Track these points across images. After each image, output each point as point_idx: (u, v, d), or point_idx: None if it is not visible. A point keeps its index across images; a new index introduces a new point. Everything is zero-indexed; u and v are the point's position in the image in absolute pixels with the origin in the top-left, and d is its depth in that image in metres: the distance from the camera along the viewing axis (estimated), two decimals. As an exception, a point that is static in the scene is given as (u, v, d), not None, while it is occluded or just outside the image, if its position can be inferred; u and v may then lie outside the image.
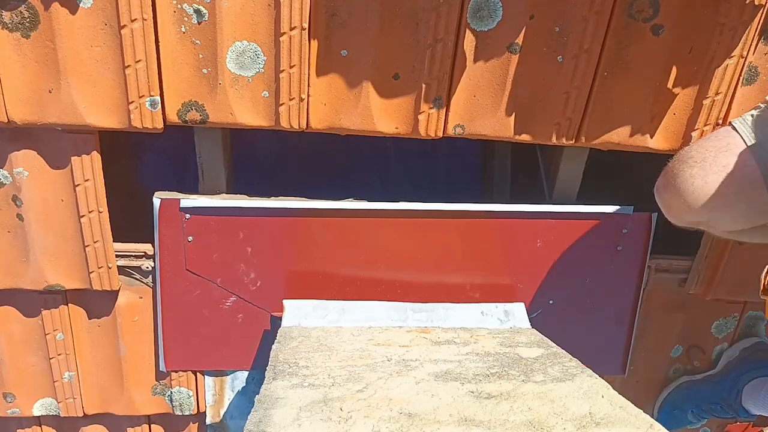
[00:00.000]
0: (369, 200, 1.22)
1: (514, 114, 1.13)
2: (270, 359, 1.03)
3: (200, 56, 1.02)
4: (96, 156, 1.09)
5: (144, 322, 1.28)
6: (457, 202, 1.23)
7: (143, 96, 1.02)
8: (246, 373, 1.35)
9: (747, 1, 1.03)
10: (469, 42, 1.05)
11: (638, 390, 1.52)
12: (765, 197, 0.93)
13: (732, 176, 0.92)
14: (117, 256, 1.20)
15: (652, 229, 1.31)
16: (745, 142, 0.93)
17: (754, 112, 1.03)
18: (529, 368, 1.02)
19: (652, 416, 0.87)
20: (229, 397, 1.37)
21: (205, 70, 1.03)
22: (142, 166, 1.67)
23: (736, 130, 1.01)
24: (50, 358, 1.28)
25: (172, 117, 1.06)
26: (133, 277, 1.24)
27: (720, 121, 1.15)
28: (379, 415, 0.83)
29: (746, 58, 1.10)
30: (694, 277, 1.37)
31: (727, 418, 1.49)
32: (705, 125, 1.15)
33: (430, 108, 1.10)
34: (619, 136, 1.17)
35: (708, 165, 0.94)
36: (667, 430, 0.82)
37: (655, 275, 1.38)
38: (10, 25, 0.95)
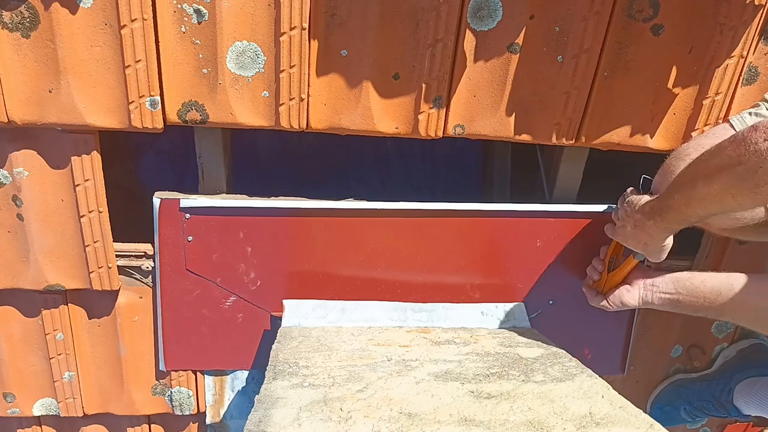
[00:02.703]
0: (369, 200, 1.22)
1: (514, 114, 1.13)
2: (270, 359, 1.03)
3: (200, 56, 1.02)
4: (96, 156, 1.09)
5: (144, 322, 1.28)
6: (457, 202, 1.23)
7: (143, 96, 1.02)
8: (246, 373, 1.35)
9: (747, 1, 1.03)
10: (469, 42, 1.05)
11: (638, 390, 1.52)
12: None
13: None
14: (117, 256, 1.20)
15: (652, 229, 1.31)
16: None
17: (752, 110, 1.04)
18: (529, 368, 1.02)
19: (645, 412, 0.87)
20: (229, 397, 1.37)
21: (205, 70, 1.03)
22: (142, 166, 1.66)
23: (734, 128, 1.02)
24: (50, 358, 1.28)
25: (172, 117, 1.06)
26: (133, 277, 1.24)
27: (720, 122, 1.15)
28: (379, 415, 0.83)
29: (746, 58, 1.10)
30: (695, 276, 1.37)
31: (718, 417, 1.49)
32: (705, 125, 1.15)
33: (430, 108, 1.10)
34: (619, 136, 1.17)
35: None
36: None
37: (655, 275, 1.38)
38: (10, 25, 0.95)
